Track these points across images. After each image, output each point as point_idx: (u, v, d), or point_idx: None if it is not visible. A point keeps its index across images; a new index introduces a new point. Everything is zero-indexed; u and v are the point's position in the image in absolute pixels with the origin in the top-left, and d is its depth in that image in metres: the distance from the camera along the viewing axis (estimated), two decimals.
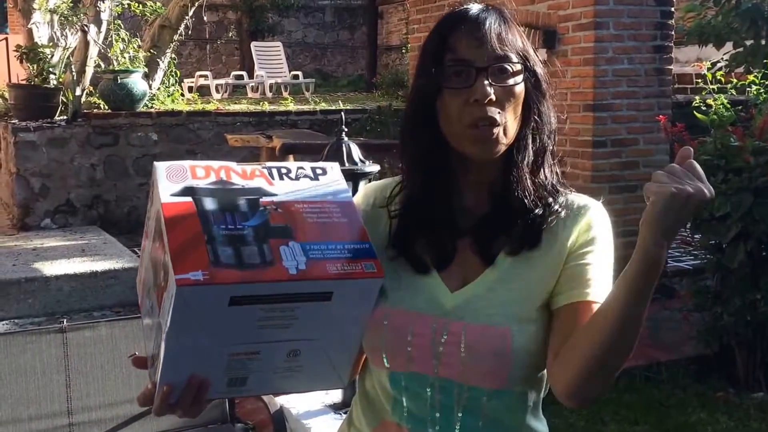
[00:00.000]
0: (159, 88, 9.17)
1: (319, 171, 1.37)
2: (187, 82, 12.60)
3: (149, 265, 1.32)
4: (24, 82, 9.18)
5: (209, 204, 1.24)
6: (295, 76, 13.93)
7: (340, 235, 1.26)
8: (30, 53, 8.56)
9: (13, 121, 8.19)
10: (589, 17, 5.80)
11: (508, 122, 1.34)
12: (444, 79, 1.34)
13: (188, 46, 17.00)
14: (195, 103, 9.68)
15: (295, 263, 1.19)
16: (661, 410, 4.43)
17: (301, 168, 1.36)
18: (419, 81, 1.40)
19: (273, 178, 1.32)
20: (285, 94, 12.88)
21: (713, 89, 4.65)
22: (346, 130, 3.13)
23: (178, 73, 9.65)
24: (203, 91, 12.37)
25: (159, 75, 9.20)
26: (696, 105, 4.57)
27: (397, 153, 1.47)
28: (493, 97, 1.32)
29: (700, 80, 5.00)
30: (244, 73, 14.22)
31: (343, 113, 3.49)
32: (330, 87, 15.91)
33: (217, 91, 12.59)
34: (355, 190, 2.97)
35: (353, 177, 3.16)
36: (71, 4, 8.98)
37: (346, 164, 3.17)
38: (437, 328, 1.34)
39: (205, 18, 17.08)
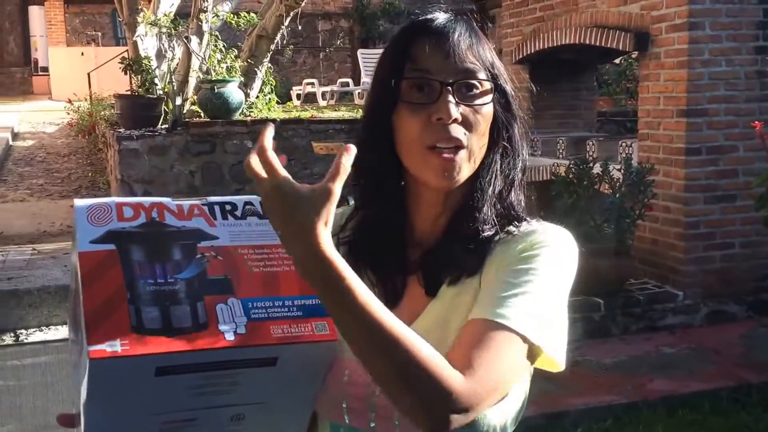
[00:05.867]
0: (258, 97, 9.33)
1: None
2: (296, 90, 12.77)
3: (73, 306, 1.17)
4: (129, 93, 9.53)
5: (136, 252, 1.08)
6: None
7: (290, 287, 1.11)
8: (134, 65, 8.87)
9: (119, 130, 8.51)
10: (683, 17, 5.51)
11: (473, 146, 1.19)
12: (403, 92, 1.20)
13: (302, 54, 17.32)
14: (291, 110, 9.80)
15: (234, 326, 1.05)
16: None
17: (249, 204, 1.20)
18: (375, 94, 1.25)
19: (215, 218, 1.16)
20: None
21: None
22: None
23: (274, 81, 9.78)
24: (311, 99, 12.50)
25: (257, 84, 9.37)
26: None
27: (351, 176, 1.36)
28: (458, 117, 1.17)
29: None
30: (349, 80, 14.32)
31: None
32: None
33: (323, 98, 12.69)
34: None
35: None
36: (172, 17, 9.26)
37: None
38: None
39: (318, 27, 17.31)
